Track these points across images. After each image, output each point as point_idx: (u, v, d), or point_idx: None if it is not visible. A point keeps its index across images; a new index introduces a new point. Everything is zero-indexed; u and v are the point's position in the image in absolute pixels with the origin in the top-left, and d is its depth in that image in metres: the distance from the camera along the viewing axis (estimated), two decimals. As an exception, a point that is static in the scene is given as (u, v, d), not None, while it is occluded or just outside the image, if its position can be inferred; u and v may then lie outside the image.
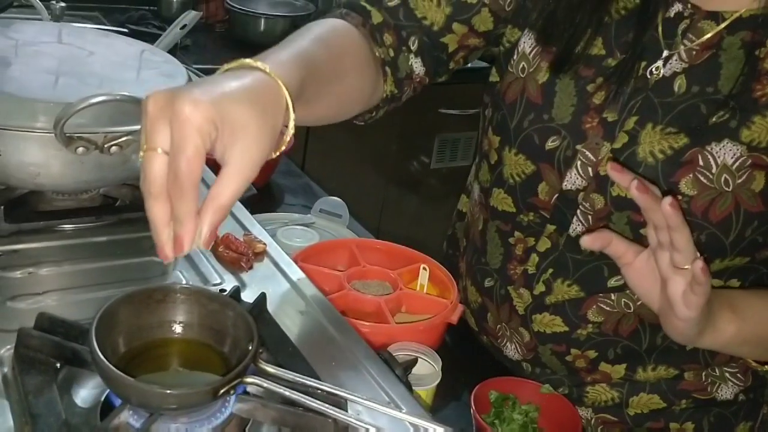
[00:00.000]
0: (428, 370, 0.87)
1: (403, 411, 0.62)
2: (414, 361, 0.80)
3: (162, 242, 0.56)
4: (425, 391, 0.86)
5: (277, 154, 0.62)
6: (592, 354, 0.93)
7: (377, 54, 0.89)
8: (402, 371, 0.72)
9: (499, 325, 0.99)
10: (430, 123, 2.71)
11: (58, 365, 0.63)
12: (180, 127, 0.52)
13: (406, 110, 3.08)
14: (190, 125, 0.52)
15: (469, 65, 1.09)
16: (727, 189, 0.78)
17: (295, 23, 2.54)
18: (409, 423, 0.62)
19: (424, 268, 1.07)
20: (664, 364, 0.93)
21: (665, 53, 0.81)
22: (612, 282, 0.88)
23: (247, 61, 0.62)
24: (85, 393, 0.64)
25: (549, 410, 0.90)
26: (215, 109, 0.53)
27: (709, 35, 0.80)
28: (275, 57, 0.66)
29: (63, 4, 1.82)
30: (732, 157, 0.78)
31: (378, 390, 0.69)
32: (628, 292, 0.87)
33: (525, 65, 0.90)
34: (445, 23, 0.91)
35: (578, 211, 0.86)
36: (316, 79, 0.72)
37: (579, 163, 0.85)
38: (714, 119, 0.79)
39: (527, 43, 0.91)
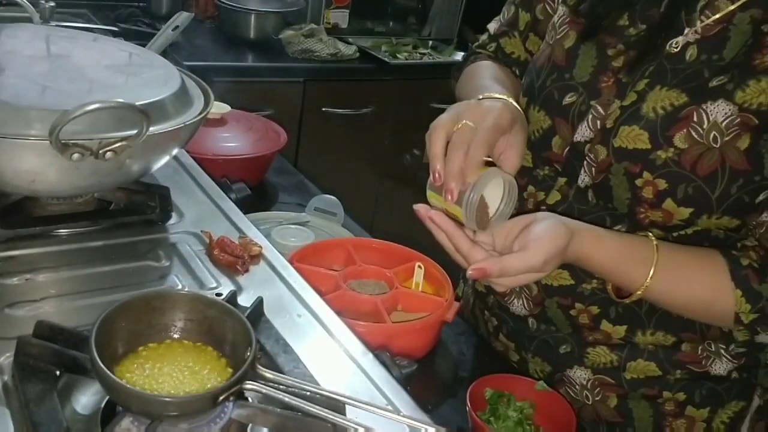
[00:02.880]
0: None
1: (401, 413, 0.63)
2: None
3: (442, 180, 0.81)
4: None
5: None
6: (595, 310, 0.98)
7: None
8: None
9: None
10: (422, 117, 2.70)
11: (58, 373, 0.64)
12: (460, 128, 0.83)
13: (398, 105, 3.06)
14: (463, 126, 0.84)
15: (460, 60, 1.19)
16: (714, 145, 0.84)
17: (285, 19, 2.53)
18: (408, 425, 0.63)
19: (420, 267, 1.08)
20: (663, 330, 0.97)
21: (686, 30, 0.88)
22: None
23: (488, 94, 0.93)
24: (85, 400, 0.65)
25: (544, 407, 0.91)
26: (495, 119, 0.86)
27: (723, 12, 0.86)
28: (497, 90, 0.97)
29: (52, 4, 1.80)
30: (723, 116, 0.83)
31: (376, 392, 0.70)
32: None
33: (553, 33, 1.01)
34: (524, 53, 1.12)
35: (585, 162, 0.93)
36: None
37: (590, 116, 0.92)
38: (714, 82, 0.84)
39: (556, 16, 1.02)
